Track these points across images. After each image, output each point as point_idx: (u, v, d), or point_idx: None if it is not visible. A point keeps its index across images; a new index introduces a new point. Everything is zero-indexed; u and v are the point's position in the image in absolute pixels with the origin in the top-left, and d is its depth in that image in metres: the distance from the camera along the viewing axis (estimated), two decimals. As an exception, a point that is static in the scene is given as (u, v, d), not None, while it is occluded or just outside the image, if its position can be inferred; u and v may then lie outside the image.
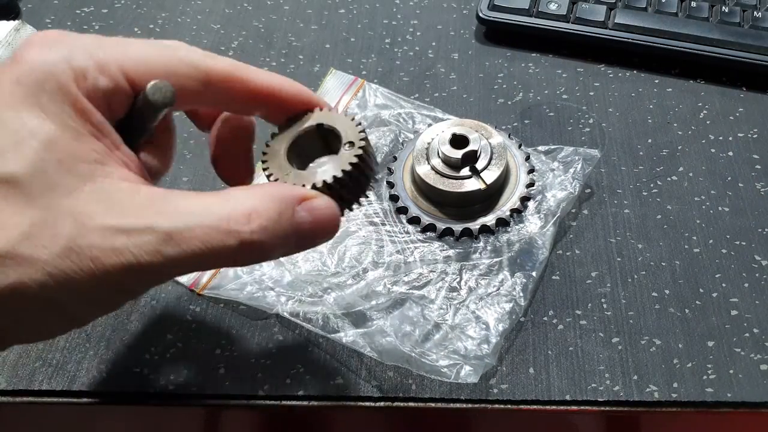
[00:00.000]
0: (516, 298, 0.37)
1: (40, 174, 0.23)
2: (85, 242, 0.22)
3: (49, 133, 0.23)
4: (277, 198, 0.25)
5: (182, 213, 0.24)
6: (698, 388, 0.35)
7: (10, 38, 0.45)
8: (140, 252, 0.23)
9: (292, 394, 0.35)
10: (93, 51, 0.25)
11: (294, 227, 0.25)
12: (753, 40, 0.49)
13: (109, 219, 0.23)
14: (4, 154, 0.22)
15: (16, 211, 0.22)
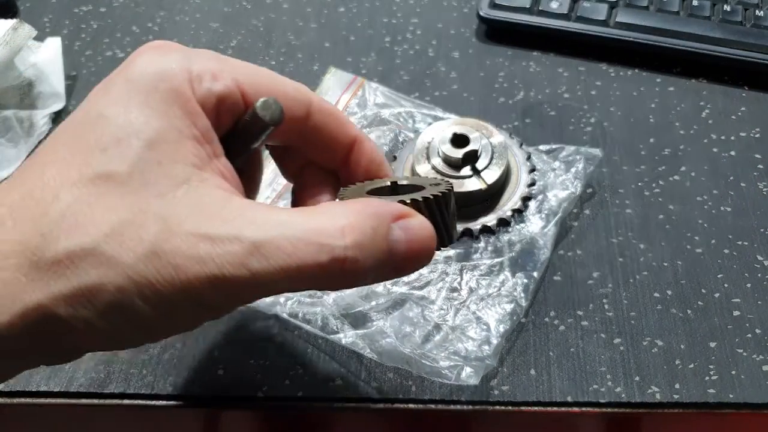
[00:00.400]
0: (517, 299, 0.37)
1: (138, 174, 0.22)
2: (169, 247, 0.21)
3: (153, 133, 0.23)
4: (372, 213, 0.23)
5: (272, 224, 0.22)
6: (700, 389, 0.35)
7: (8, 37, 0.44)
8: (224, 263, 0.21)
9: (292, 396, 0.35)
10: (209, 59, 0.25)
11: (389, 246, 0.23)
12: (755, 39, 0.48)
13: (197, 225, 0.22)
14: (106, 150, 0.22)
15: (107, 208, 0.21)
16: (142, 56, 0.24)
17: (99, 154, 0.22)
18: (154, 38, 0.53)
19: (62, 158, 0.22)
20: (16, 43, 0.45)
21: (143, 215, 0.21)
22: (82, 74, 0.51)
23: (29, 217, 0.21)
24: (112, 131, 0.22)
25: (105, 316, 0.21)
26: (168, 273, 0.21)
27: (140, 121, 0.23)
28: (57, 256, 0.21)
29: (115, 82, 0.24)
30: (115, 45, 0.53)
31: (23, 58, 0.47)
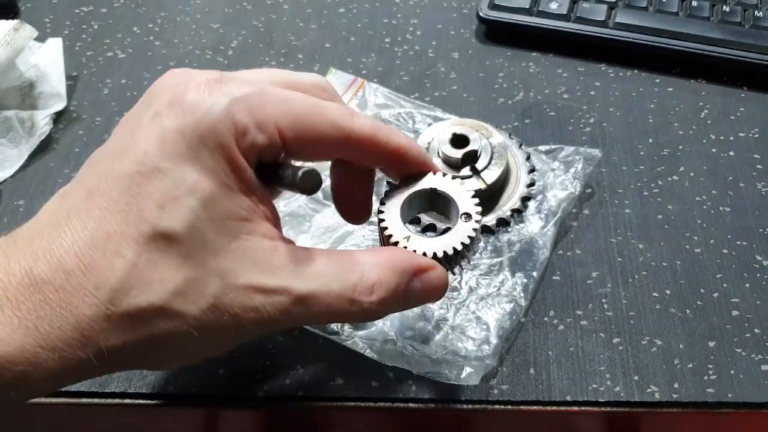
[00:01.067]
0: (516, 299, 0.37)
1: (195, 232, 0.24)
2: (228, 300, 0.24)
3: (206, 191, 0.24)
4: (399, 271, 0.27)
5: (315, 276, 0.26)
6: (699, 388, 0.35)
7: (8, 38, 0.45)
8: (274, 310, 0.25)
9: (292, 395, 0.35)
10: (254, 107, 0.25)
11: (407, 295, 0.28)
12: (754, 39, 0.49)
13: (251, 278, 0.25)
14: (164, 207, 0.24)
15: (171, 267, 0.24)
16: (190, 95, 0.25)
17: (157, 210, 0.24)
18: (155, 39, 0.54)
19: (120, 209, 0.24)
20: (17, 44, 0.45)
21: (203, 273, 0.24)
22: (83, 74, 0.51)
23: (98, 270, 0.23)
24: (167, 188, 0.24)
25: (167, 356, 0.26)
26: (226, 321, 0.25)
27: (193, 179, 0.24)
28: (129, 311, 0.23)
29: (167, 131, 0.25)
30: (116, 45, 0.53)
31: (24, 58, 0.47)
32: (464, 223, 0.30)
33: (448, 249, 0.29)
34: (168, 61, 0.52)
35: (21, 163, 0.45)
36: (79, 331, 0.23)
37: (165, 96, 0.26)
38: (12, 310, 0.23)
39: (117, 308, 0.23)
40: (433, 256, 0.29)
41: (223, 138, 0.25)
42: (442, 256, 0.29)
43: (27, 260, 0.23)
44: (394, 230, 0.29)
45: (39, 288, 0.23)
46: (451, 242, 0.29)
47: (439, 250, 0.29)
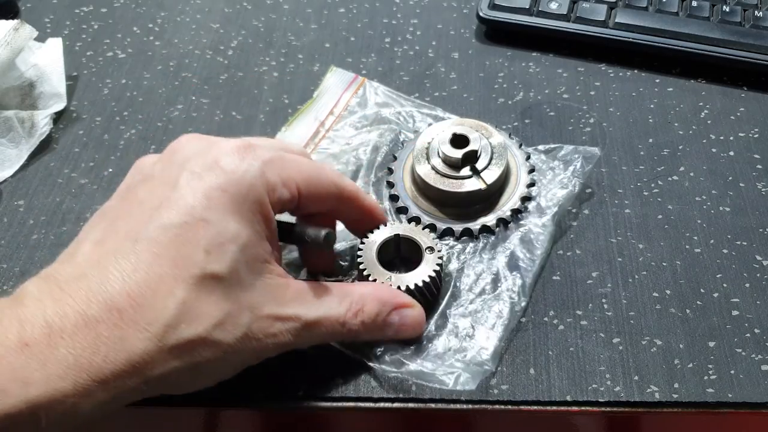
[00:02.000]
0: (516, 299, 0.37)
1: (234, 273, 0.28)
2: (255, 328, 0.29)
3: (245, 239, 0.29)
4: (381, 302, 0.33)
5: (318, 306, 0.31)
6: (699, 388, 0.35)
7: (9, 38, 0.45)
8: (288, 335, 0.30)
9: (292, 395, 0.35)
10: (279, 168, 0.31)
11: (385, 326, 0.34)
12: (754, 39, 0.49)
13: (272, 309, 0.30)
14: (210, 253, 0.28)
15: (213, 303, 0.28)
16: (227, 161, 0.30)
17: (204, 255, 0.28)
18: (155, 39, 0.54)
19: (171, 255, 0.27)
20: (17, 44, 0.45)
21: (238, 307, 0.29)
22: (83, 74, 0.51)
23: (151, 308, 0.26)
24: (213, 236, 0.28)
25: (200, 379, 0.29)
26: (253, 345, 0.29)
27: (234, 228, 0.29)
28: (178, 343, 0.27)
29: (211, 189, 0.29)
30: (115, 45, 0.53)
31: (24, 58, 0.47)
32: (430, 255, 0.36)
33: (425, 278, 0.35)
34: (168, 61, 0.52)
35: (21, 163, 0.45)
36: (131, 364, 0.26)
37: (199, 159, 0.30)
38: (67, 349, 0.25)
39: (168, 341, 0.27)
40: (414, 287, 0.35)
41: (260, 194, 0.30)
42: (422, 285, 0.35)
43: (78, 302, 0.26)
44: (377, 275, 0.35)
45: (93, 327, 0.26)
46: (424, 273, 0.36)
47: (418, 280, 0.35)
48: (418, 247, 0.37)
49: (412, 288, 0.35)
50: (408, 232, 0.37)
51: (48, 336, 0.25)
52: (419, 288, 0.35)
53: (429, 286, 0.36)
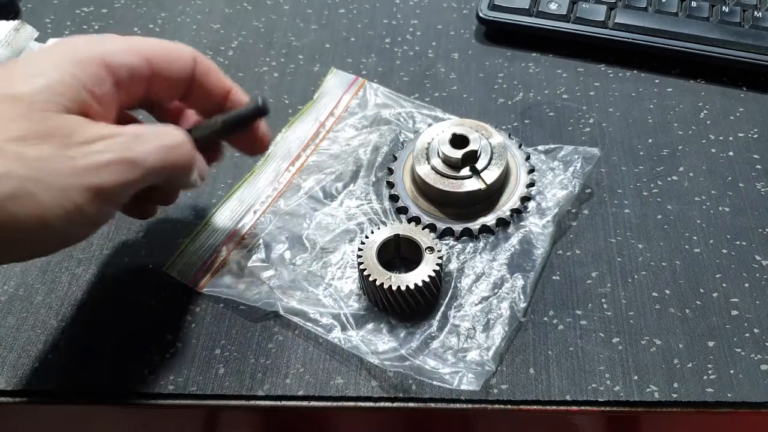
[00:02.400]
0: (516, 299, 0.37)
1: (38, 98, 0.28)
2: (72, 150, 0.27)
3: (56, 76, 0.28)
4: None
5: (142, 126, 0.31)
6: (698, 388, 0.35)
7: (9, 38, 0.45)
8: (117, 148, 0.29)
9: (292, 395, 0.35)
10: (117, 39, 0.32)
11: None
12: (753, 39, 0.49)
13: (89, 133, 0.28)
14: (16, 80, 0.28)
15: (11, 119, 0.27)
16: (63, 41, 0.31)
17: (7, 82, 0.28)
18: (155, 39, 0.54)
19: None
20: (17, 44, 0.45)
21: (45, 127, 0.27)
22: (83, 75, 0.51)
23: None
24: (25, 71, 0.29)
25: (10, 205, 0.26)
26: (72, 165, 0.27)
27: (49, 67, 0.29)
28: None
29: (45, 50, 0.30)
30: (116, 46, 0.53)
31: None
32: (430, 255, 0.36)
33: (425, 278, 0.35)
34: (168, 62, 0.52)
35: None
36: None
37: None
38: None
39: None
40: (414, 287, 0.35)
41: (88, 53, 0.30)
42: (422, 285, 0.35)
43: None
44: (377, 275, 0.36)
45: None
46: (424, 273, 0.36)
47: (418, 280, 0.35)
48: (418, 247, 0.37)
49: (412, 288, 0.35)
50: (408, 232, 0.37)
51: None
52: (419, 288, 0.35)
53: (429, 285, 0.36)
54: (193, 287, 0.38)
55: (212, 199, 0.43)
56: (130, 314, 0.38)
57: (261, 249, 0.40)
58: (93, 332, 0.37)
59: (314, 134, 0.46)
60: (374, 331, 0.36)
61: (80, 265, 0.40)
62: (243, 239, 0.40)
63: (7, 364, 0.36)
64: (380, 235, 0.37)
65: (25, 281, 0.40)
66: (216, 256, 0.40)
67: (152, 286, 0.39)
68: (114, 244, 0.41)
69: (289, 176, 0.43)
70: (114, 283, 0.39)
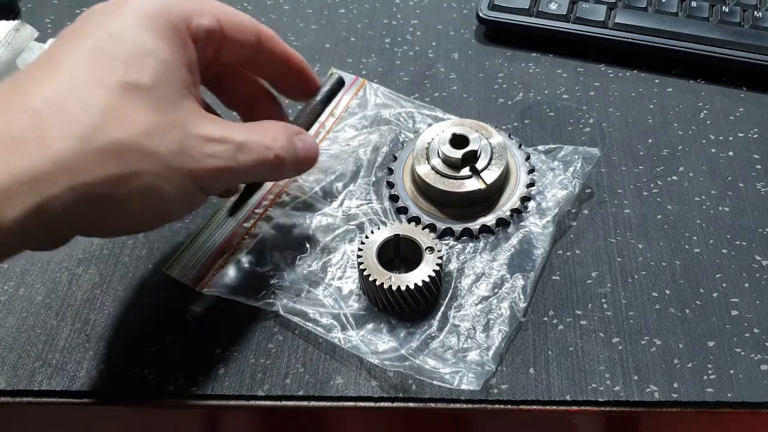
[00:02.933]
0: (516, 299, 0.37)
1: (158, 86, 0.28)
2: (190, 145, 0.28)
3: (164, 55, 0.28)
4: (284, 129, 0.33)
5: (244, 132, 0.31)
6: (698, 388, 0.35)
7: (9, 38, 0.45)
8: (224, 156, 0.30)
9: (292, 394, 0.35)
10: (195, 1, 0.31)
11: (296, 150, 0.34)
12: (753, 39, 0.49)
13: (204, 129, 0.29)
14: (128, 63, 0.27)
15: (140, 111, 0.27)
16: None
17: (122, 66, 0.27)
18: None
19: (89, 66, 0.27)
20: (17, 44, 0.45)
21: (166, 120, 0.28)
22: (83, 75, 0.51)
23: (73, 109, 0.26)
24: (130, 48, 0.28)
25: (137, 197, 0.27)
26: (188, 165, 0.28)
27: (153, 44, 0.28)
28: (105, 144, 0.26)
29: (126, 9, 0.28)
30: (116, 46, 0.53)
31: (25, 58, 0.47)
32: (430, 255, 0.36)
33: (425, 278, 0.35)
34: (168, 62, 0.52)
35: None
36: (55, 163, 0.25)
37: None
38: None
39: (93, 142, 0.26)
40: (414, 287, 0.35)
41: (176, 18, 0.29)
42: (422, 285, 0.35)
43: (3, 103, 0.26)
44: (377, 275, 0.36)
45: (14, 128, 0.25)
46: (424, 273, 0.36)
47: (418, 280, 0.35)
48: (418, 247, 0.37)
49: (412, 288, 0.35)
50: (408, 232, 0.38)
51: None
52: (419, 288, 0.35)
53: (429, 286, 0.36)
54: (193, 287, 0.38)
55: (213, 199, 0.43)
56: (130, 314, 0.38)
57: (261, 249, 0.40)
58: (93, 332, 0.37)
59: (314, 134, 0.45)
60: (374, 331, 0.36)
61: (80, 265, 0.40)
62: (243, 239, 0.40)
63: (7, 364, 0.36)
64: (380, 235, 0.37)
65: (25, 281, 0.40)
66: (216, 256, 0.40)
67: (152, 286, 0.39)
68: (114, 244, 0.41)
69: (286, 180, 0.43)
70: (114, 283, 0.39)
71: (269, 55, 0.35)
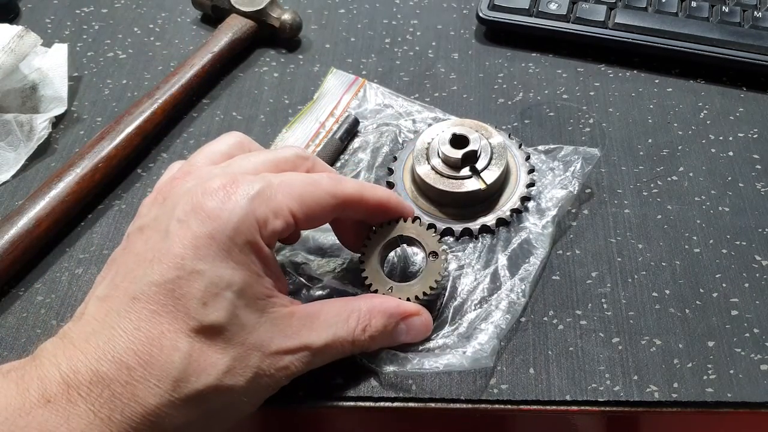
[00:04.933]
0: (516, 299, 0.37)
1: (235, 319, 0.29)
2: (265, 366, 0.30)
3: (240, 283, 0.29)
4: (387, 315, 0.33)
5: (326, 329, 0.31)
6: (698, 388, 0.35)
7: (13, 44, 0.44)
8: (299, 364, 0.31)
9: (292, 395, 0.35)
10: (267, 199, 0.30)
11: (395, 337, 0.34)
12: (753, 39, 0.49)
13: (280, 344, 0.30)
14: (207, 304, 0.28)
15: (219, 352, 0.28)
16: (211, 202, 0.29)
17: (201, 308, 0.28)
18: (156, 39, 0.54)
19: (169, 311, 0.28)
20: (21, 51, 0.45)
21: (244, 350, 0.29)
22: (84, 75, 0.51)
23: (158, 364, 0.27)
24: (207, 287, 0.28)
25: (219, 422, 0.30)
26: (265, 382, 0.30)
27: (228, 275, 0.29)
28: (189, 395, 0.28)
29: (199, 237, 0.29)
30: (116, 46, 0.53)
31: (28, 62, 0.47)
32: (433, 262, 0.35)
33: (426, 290, 0.35)
34: (169, 62, 0.52)
35: (19, 167, 0.45)
36: (147, 418, 0.27)
37: (184, 203, 0.29)
38: (86, 405, 0.26)
39: (179, 394, 0.27)
40: (414, 299, 0.34)
41: (249, 235, 0.29)
42: (423, 298, 0.35)
43: (90, 360, 0.27)
44: (378, 284, 0.35)
45: (107, 385, 0.27)
46: (425, 284, 0.35)
47: (419, 293, 0.35)
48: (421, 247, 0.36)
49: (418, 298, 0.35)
50: (412, 233, 0.36)
51: (66, 392, 0.26)
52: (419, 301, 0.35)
53: (433, 294, 0.35)
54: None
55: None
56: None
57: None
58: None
59: (314, 135, 0.46)
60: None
61: (80, 265, 0.40)
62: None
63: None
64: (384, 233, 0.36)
65: (25, 281, 0.40)
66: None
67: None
68: (114, 244, 0.41)
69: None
70: (114, 284, 0.39)
71: (358, 214, 0.34)
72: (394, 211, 0.36)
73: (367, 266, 0.35)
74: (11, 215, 0.40)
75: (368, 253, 0.36)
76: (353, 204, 0.33)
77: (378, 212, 0.35)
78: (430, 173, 0.40)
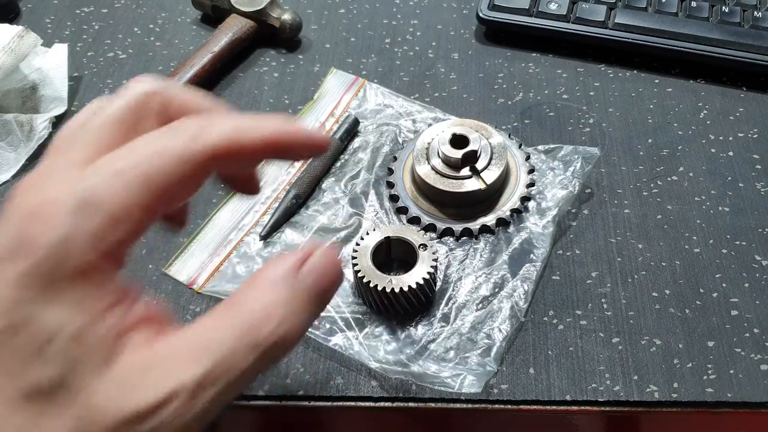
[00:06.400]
0: (516, 299, 0.37)
1: (71, 373, 0.22)
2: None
3: (72, 327, 0.22)
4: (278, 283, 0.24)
5: (207, 345, 0.22)
6: (698, 388, 0.35)
7: (13, 45, 0.44)
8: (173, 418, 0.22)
9: (292, 394, 0.35)
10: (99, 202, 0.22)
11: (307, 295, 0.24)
12: (753, 40, 0.49)
13: (128, 407, 0.22)
14: (32, 361, 0.21)
15: (55, 418, 0.21)
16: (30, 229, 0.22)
17: (28, 366, 0.21)
18: (156, 39, 0.54)
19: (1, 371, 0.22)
20: (21, 51, 0.45)
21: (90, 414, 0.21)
22: (84, 75, 0.51)
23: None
24: (33, 338, 0.21)
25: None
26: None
27: (55, 319, 0.22)
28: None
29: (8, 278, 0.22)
30: (116, 46, 0.53)
31: (28, 62, 0.47)
32: (424, 252, 0.37)
33: (424, 275, 0.36)
34: (169, 62, 0.52)
35: (19, 167, 0.45)
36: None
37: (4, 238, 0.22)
38: None
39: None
40: (416, 286, 0.35)
41: (77, 260, 0.22)
42: (422, 282, 0.35)
43: None
44: (377, 280, 0.36)
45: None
46: (422, 270, 0.36)
47: (419, 278, 0.35)
48: (410, 246, 0.37)
49: (414, 287, 0.35)
50: (398, 233, 0.38)
51: None
52: (420, 286, 0.35)
53: (429, 282, 0.36)
54: (193, 287, 0.38)
55: (212, 199, 0.43)
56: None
57: (261, 250, 0.40)
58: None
59: (314, 134, 0.46)
60: (374, 335, 0.36)
61: (80, 265, 0.40)
62: (243, 240, 0.40)
63: (8, 365, 0.36)
64: (372, 239, 0.37)
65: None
66: (216, 256, 0.40)
67: (152, 286, 0.39)
68: (114, 244, 0.41)
69: (289, 177, 0.43)
70: (114, 284, 0.39)
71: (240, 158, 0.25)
72: (292, 146, 0.26)
73: (362, 269, 0.36)
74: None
75: (360, 258, 0.37)
76: (227, 155, 0.24)
77: (269, 154, 0.25)
78: (430, 173, 0.40)
